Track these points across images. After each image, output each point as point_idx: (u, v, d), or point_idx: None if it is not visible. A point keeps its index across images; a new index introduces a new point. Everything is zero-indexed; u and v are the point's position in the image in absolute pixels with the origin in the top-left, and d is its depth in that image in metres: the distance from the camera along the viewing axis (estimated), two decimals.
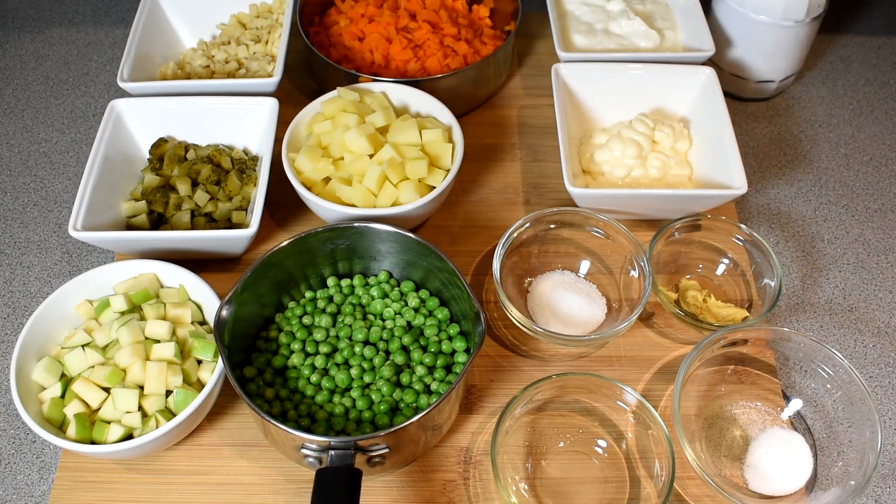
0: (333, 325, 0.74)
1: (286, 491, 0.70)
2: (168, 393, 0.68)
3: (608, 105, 0.93)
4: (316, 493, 0.59)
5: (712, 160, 0.86)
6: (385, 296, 0.76)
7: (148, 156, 0.89)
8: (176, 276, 0.75)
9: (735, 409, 0.74)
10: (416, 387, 0.70)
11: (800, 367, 0.74)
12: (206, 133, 0.90)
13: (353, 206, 0.79)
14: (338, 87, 0.86)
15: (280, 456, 0.71)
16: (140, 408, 0.67)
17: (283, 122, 0.85)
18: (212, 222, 0.83)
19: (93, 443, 0.66)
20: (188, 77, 0.97)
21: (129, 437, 0.66)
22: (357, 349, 0.71)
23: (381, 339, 0.72)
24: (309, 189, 0.80)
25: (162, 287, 0.76)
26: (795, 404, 0.74)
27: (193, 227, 0.82)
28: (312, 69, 1.00)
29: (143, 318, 0.72)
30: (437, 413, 0.63)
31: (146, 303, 0.73)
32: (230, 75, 0.96)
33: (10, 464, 0.74)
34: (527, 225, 0.80)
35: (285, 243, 0.71)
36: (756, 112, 1.05)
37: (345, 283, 0.78)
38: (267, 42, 1.00)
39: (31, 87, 1.08)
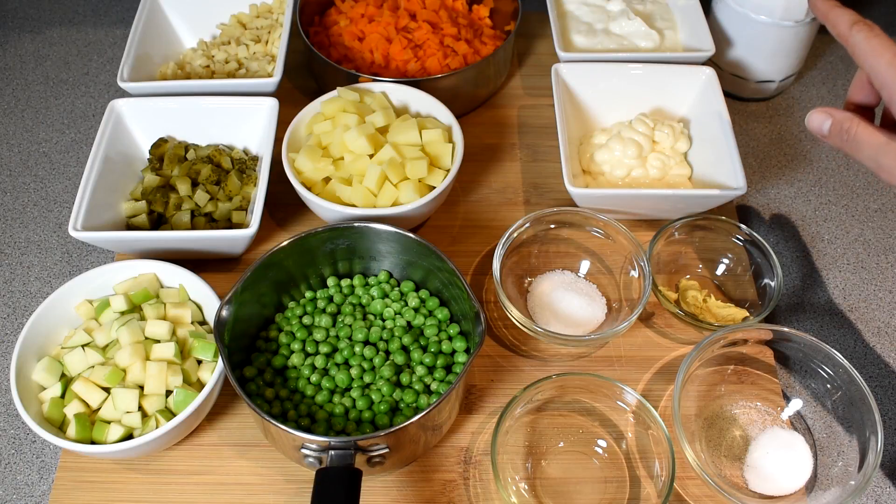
0: (333, 325, 0.74)
1: (286, 491, 0.70)
2: (168, 393, 0.68)
3: (608, 105, 0.93)
4: (316, 493, 0.59)
5: (712, 160, 0.86)
6: (385, 296, 0.76)
7: (148, 156, 0.89)
8: (176, 276, 0.75)
9: (735, 409, 0.74)
10: (416, 387, 0.70)
11: (800, 367, 0.74)
12: (206, 133, 0.90)
13: (353, 206, 0.79)
14: (338, 87, 0.86)
15: (280, 456, 0.71)
16: (140, 408, 0.67)
17: (283, 122, 0.85)
18: (212, 222, 0.83)
19: (93, 443, 0.66)
20: (188, 77, 0.97)
21: (129, 437, 0.66)
22: (357, 349, 0.71)
23: (381, 339, 0.72)
24: (309, 189, 0.80)
25: (162, 287, 0.76)
26: (795, 404, 0.74)
27: (193, 227, 0.82)
28: (312, 69, 1.00)
29: (143, 318, 0.72)
30: (437, 413, 0.63)
31: (146, 303, 0.73)
32: (230, 75, 0.96)
33: (10, 464, 0.74)
34: (527, 225, 0.79)
35: (285, 243, 0.71)
36: (756, 112, 1.05)
37: (345, 283, 0.78)
38: (267, 42, 1.00)
39: (31, 87, 1.08)
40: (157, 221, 0.83)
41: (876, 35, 0.55)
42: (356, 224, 0.74)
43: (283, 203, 0.89)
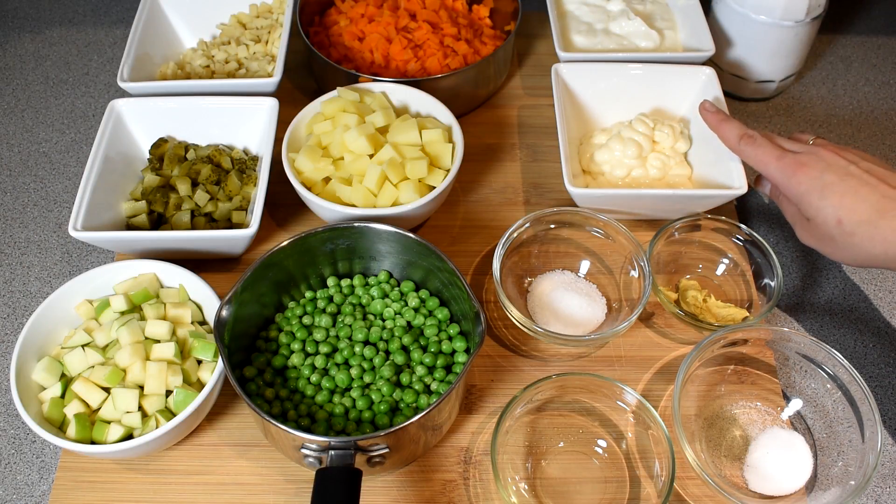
0: (333, 325, 0.74)
1: (286, 491, 0.70)
2: (168, 393, 0.68)
3: (608, 105, 0.93)
4: (316, 493, 0.59)
5: (712, 160, 0.86)
6: (385, 296, 0.76)
7: (148, 156, 0.89)
8: (176, 276, 0.75)
9: (735, 409, 0.74)
10: (416, 387, 0.70)
11: (800, 367, 0.74)
12: (206, 133, 0.90)
13: (353, 206, 0.79)
14: (338, 87, 0.86)
15: (280, 456, 0.71)
16: (140, 408, 0.67)
17: (283, 122, 0.85)
18: (212, 222, 0.83)
19: (93, 443, 0.66)
20: (188, 77, 0.97)
21: (129, 437, 0.66)
22: (357, 349, 0.71)
23: (381, 339, 0.72)
24: (309, 189, 0.80)
25: (162, 287, 0.76)
26: (795, 404, 0.74)
27: (193, 227, 0.82)
28: (312, 69, 1.00)
29: (143, 318, 0.72)
30: (437, 413, 0.63)
31: (146, 303, 0.73)
32: (230, 75, 0.96)
33: (10, 464, 0.74)
34: (527, 225, 0.79)
35: (285, 243, 0.71)
36: (756, 112, 1.05)
37: (345, 283, 0.78)
38: (267, 42, 0.99)
39: (31, 87, 1.08)
40: (157, 221, 0.83)
41: (759, 145, 0.72)
42: (356, 224, 0.74)
43: (283, 203, 0.89)
